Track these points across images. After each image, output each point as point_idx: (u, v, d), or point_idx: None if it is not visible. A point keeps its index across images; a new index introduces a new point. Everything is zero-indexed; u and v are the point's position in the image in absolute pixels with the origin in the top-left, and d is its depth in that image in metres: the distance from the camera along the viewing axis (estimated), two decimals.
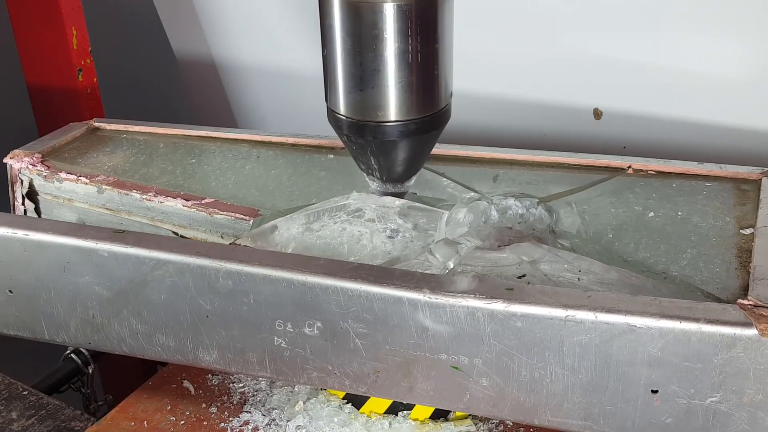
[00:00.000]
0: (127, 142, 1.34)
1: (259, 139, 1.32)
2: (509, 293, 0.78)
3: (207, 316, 0.90)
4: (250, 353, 0.90)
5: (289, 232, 0.98)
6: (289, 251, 0.97)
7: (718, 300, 0.81)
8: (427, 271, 0.88)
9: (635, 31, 1.27)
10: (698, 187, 1.06)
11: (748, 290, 0.79)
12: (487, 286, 0.80)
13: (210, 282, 0.88)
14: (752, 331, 0.72)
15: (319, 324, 0.85)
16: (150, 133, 1.37)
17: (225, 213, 1.08)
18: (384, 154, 0.83)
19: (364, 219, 0.98)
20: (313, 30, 0.83)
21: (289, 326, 0.87)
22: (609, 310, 0.75)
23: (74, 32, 1.55)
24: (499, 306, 0.78)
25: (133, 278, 0.91)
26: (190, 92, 2.05)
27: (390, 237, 0.95)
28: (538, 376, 0.80)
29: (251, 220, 1.05)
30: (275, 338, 0.88)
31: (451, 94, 0.83)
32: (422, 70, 0.79)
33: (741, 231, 0.93)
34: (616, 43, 1.29)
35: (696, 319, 0.74)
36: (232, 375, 1.04)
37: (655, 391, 0.77)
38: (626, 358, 0.76)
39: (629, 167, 1.11)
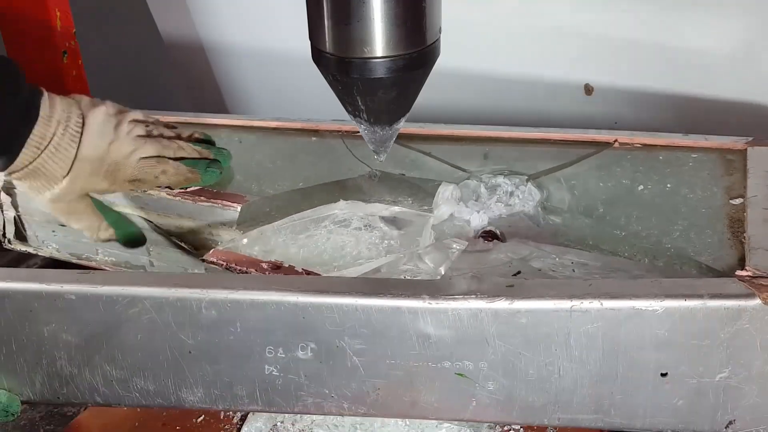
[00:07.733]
0: None
1: (240, 124, 1.27)
2: (511, 290, 0.77)
3: (190, 352, 0.85)
4: (238, 386, 0.85)
5: (273, 241, 0.95)
6: (272, 259, 0.94)
7: (714, 271, 0.81)
8: (417, 278, 0.86)
9: (627, 5, 1.27)
10: (684, 158, 1.06)
11: (743, 260, 0.79)
12: (487, 286, 0.78)
13: (192, 314, 0.83)
14: (756, 302, 0.73)
15: (312, 345, 0.81)
16: None
17: (212, 201, 1.05)
18: (371, 93, 0.79)
19: (350, 228, 0.96)
20: (304, 8, 0.79)
21: (281, 351, 0.82)
22: (614, 296, 0.74)
23: (57, 13, 1.52)
24: (502, 304, 0.76)
25: (106, 320, 0.85)
26: (179, 75, 2.01)
27: (374, 244, 0.93)
28: (546, 373, 0.78)
29: (239, 207, 1.02)
30: (266, 367, 0.84)
31: (440, 29, 0.80)
32: (410, 1, 0.76)
33: (730, 201, 0.94)
34: (607, 17, 1.29)
35: (700, 296, 0.73)
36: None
37: (664, 374, 0.76)
38: (634, 343, 0.75)
39: (615, 141, 1.11)
